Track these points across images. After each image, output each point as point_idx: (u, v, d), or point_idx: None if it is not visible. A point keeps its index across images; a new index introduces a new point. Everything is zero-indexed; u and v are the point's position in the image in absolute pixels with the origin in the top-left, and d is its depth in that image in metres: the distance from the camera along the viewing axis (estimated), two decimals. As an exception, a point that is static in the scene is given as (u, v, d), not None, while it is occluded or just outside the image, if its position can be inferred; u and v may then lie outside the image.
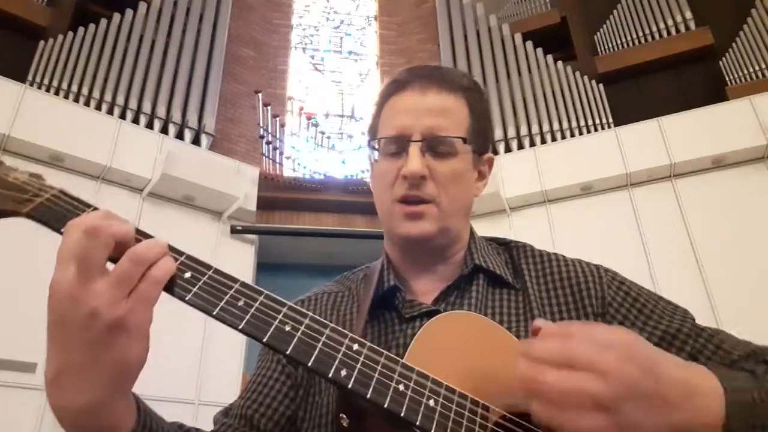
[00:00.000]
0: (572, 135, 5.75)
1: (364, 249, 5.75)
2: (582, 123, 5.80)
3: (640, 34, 6.20)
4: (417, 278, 0.79)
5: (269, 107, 5.82)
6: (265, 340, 0.53)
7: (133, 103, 5.50)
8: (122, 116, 5.34)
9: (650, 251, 4.75)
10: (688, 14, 6.00)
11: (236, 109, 6.43)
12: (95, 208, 0.54)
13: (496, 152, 5.59)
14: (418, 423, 0.53)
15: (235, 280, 0.55)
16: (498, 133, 5.81)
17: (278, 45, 7.24)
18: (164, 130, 5.51)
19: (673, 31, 6.06)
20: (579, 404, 0.45)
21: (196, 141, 5.69)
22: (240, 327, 0.52)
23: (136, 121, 5.42)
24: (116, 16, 5.92)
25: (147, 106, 5.55)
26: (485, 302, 0.74)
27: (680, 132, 5.02)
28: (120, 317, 0.47)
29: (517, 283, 0.77)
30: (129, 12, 6.00)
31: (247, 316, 0.53)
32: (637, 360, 0.47)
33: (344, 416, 0.58)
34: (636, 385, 0.46)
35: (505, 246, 0.85)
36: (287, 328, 0.54)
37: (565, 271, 0.77)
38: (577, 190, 5.26)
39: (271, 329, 0.53)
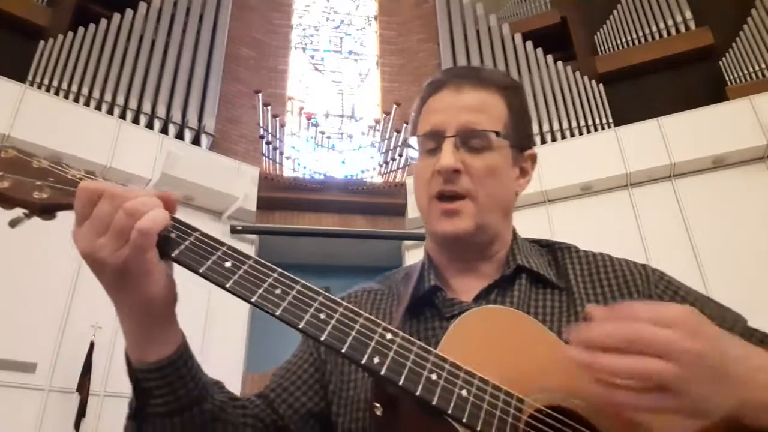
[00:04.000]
0: (572, 135, 5.75)
1: (364, 249, 5.75)
2: (582, 123, 5.80)
3: (640, 34, 6.20)
4: (458, 277, 0.79)
5: (269, 107, 5.81)
6: (300, 326, 0.55)
7: (133, 103, 5.50)
8: (122, 116, 5.34)
9: (650, 251, 4.74)
10: (688, 14, 6.00)
11: (236, 109, 6.43)
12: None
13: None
14: (449, 412, 0.54)
15: (273, 269, 0.58)
16: (498, 133, 5.82)
17: (278, 45, 7.24)
18: (164, 130, 5.51)
19: (673, 31, 6.06)
20: (643, 386, 0.46)
21: (196, 141, 5.69)
22: (277, 313, 0.55)
23: (136, 121, 5.43)
24: (116, 16, 5.92)
25: (147, 106, 5.55)
26: (527, 301, 0.73)
27: (680, 132, 5.02)
28: (120, 263, 0.54)
29: (561, 283, 0.76)
30: (129, 12, 6.00)
31: (284, 304, 0.56)
32: (701, 337, 0.47)
33: (378, 405, 0.60)
34: (702, 362, 0.46)
35: (548, 247, 0.84)
36: (322, 316, 0.56)
37: (611, 270, 0.77)
38: (577, 190, 5.26)
39: (307, 316, 0.55)
